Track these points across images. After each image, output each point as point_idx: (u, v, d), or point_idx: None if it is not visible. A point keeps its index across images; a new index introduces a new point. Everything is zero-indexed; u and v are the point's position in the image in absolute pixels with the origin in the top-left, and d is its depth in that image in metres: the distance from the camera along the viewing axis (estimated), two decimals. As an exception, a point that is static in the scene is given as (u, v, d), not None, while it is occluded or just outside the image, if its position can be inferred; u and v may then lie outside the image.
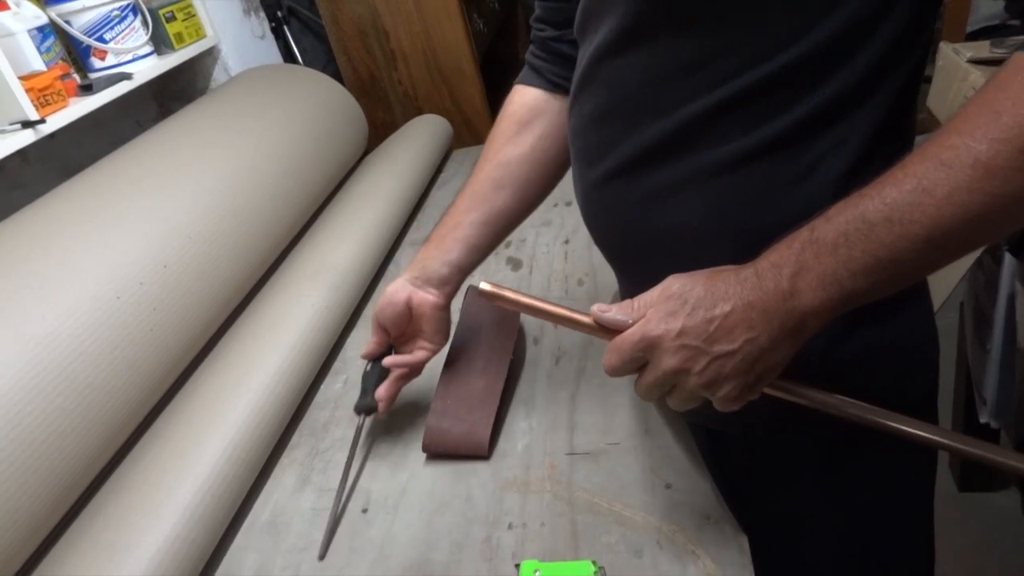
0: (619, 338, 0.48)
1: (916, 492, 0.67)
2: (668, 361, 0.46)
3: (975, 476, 1.41)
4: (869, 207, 0.41)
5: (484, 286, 0.55)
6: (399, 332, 0.78)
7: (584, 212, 0.65)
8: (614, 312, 0.49)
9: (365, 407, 0.80)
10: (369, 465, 0.79)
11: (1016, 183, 0.37)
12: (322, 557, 0.68)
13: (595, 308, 0.50)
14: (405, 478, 0.76)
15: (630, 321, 0.48)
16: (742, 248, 0.49)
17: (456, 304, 1.02)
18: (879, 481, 0.64)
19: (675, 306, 0.46)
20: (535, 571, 0.59)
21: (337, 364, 0.98)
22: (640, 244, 0.59)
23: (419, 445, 0.79)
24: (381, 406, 0.77)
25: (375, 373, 0.83)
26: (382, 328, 0.78)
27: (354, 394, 0.90)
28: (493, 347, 0.85)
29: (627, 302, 0.49)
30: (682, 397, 0.48)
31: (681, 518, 0.64)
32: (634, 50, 0.53)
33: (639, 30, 0.52)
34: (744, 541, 0.61)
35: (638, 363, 0.48)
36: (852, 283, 0.42)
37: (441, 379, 0.82)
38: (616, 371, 0.49)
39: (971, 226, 0.39)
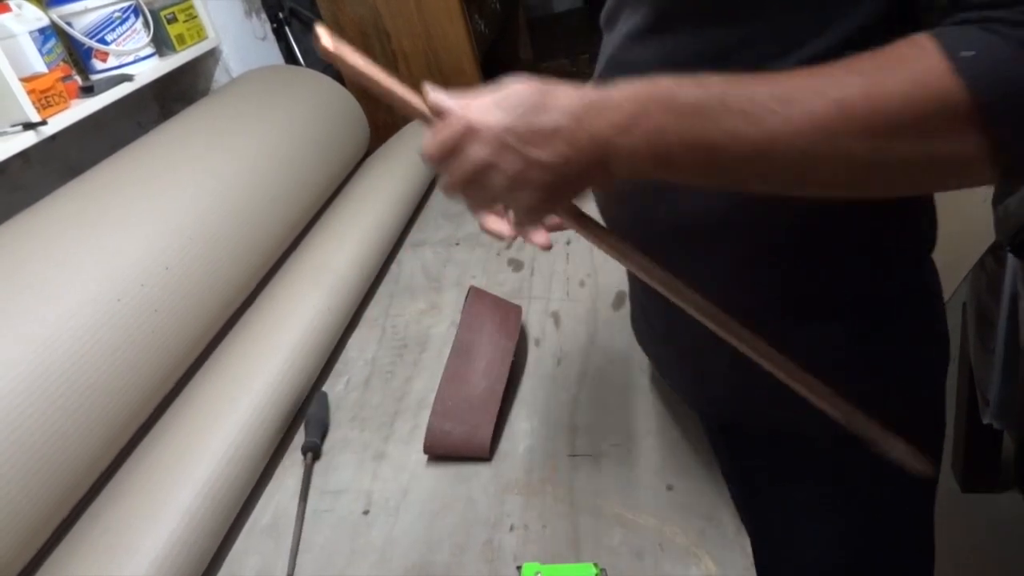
0: (443, 121, 0.46)
1: (918, 494, 0.67)
2: (480, 151, 0.44)
3: (978, 477, 1.41)
4: (733, 94, 0.41)
5: (324, 38, 0.47)
6: None
7: (597, 201, 0.65)
8: (446, 96, 0.47)
9: (310, 447, 0.81)
10: (370, 466, 0.79)
11: (836, 147, 0.38)
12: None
13: (426, 86, 0.48)
14: (406, 479, 0.75)
15: (458, 108, 0.46)
16: (751, 241, 0.48)
17: (458, 304, 1.02)
18: (882, 480, 0.64)
19: (505, 103, 0.44)
20: (536, 573, 0.59)
21: (338, 366, 0.98)
22: (650, 234, 0.58)
23: (420, 446, 0.79)
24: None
25: (316, 414, 0.84)
26: None
27: (356, 395, 0.90)
28: (495, 349, 0.85)
29: (464, 93, 0.47)
30: (480, 195, 0.46)
31: (683, 520, 0.64)
32: (655, 41, 0.53)
33: (660, 23, 0.52)
34: (746, 543, 0.61)
35: (453, 150, 0.46)
36: (679, 151, 0.42)
37: (442, 380, 0.81)
38: (432, 156, 0.47)
39: (795, 162, 0.40)
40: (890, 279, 0.55)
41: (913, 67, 0.37)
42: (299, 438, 0.86)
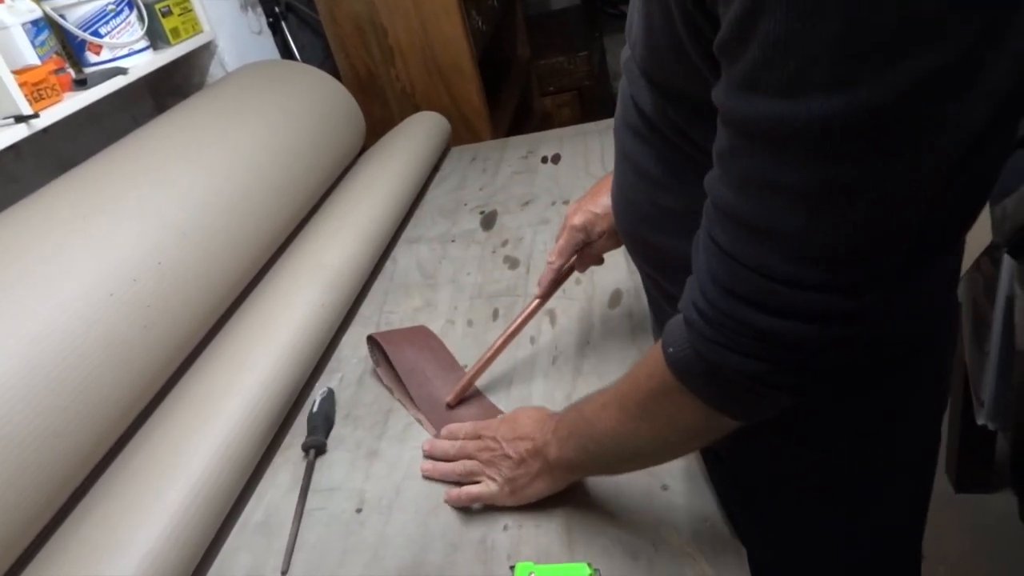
0: (471, 424, 0.75)
1: (910, 504, 0.68)
2: (483, 440, 0.70)
3: (971, 477, 1.41)
4: (578, 418, 0.61)
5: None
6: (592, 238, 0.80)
7: (611, 194, 0.67)
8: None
9: (314, 444, 0.80)
10: (363, 464, 0.78)
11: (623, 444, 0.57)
12: (284, 572, 0.68)
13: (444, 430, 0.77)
14: (399, 478, 0.75)
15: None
16: None
17: (453, 302, 1.01)
18: (875, 505, 0.64)
19: (507, 420, 0.70)
20: (530, 573, 0.58)
21: (332, 363, 0.97)
22: (640, 221, 0.59)
23: (414, 444, 0.79)
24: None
25: (322, 411, 0.83)
26: (582, 231, 0.79)
27: (349, 392, 0.90)
28: (437, 364, 0.88)
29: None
30: (468, 465, 0.70)
31: (678, 521, 0.64)
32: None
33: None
34: (740, 546, 0.60)
35: (469, 439, 0.72)
36: (574, 454, 0.61)
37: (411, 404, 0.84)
38: (453, 433, 0.75)
39: (621, 445, 0.57)
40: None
41: (650, 361, 0.51)
42: (292, 435, 0.85)
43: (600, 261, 0.83)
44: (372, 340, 0.90)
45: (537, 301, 0.81)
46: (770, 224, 0.39)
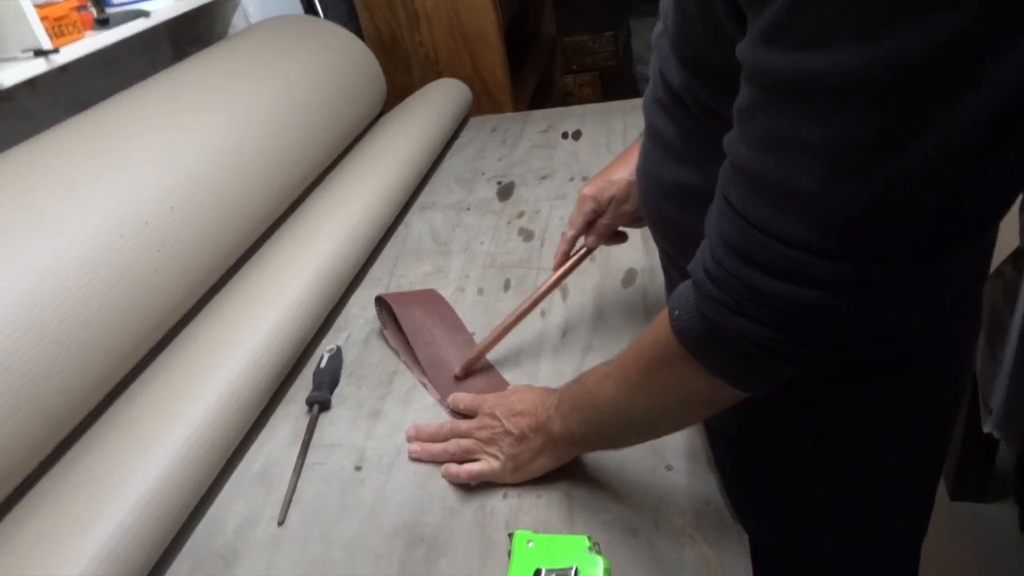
0: (471, 396, 0.74)
1: (909, 513, 0.68)
2: (479, 418, 0.69)
3: (969, 485, 1.40)
4: (580, 391, 0.60)
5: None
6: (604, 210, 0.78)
7: (637, 166, 0.66)
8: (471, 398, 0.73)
9: (318, 400, 0.80)
10: (365, 423, 0.77)
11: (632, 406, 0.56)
12: (281, 523, 0.67)
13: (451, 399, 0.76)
14: (401, 439, 0.74)
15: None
16: None
17: (465, 270, 1.00)
18: (876, 500, 0.64)
19: (505, 396, 0.69)
20: (528, 541, 0.58)
21: (340, 321, 0.96)
22: (663, 197, 0.58)
23: (418, 407, 0.78)
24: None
25: (330, 368, 0.82)
26: (592, 199, 0.77)
27: (355, 352, 0.89)
28: (444, 327, 0.87)
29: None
30: (464, 444, 0.68)
31: (680, 501, 0.63)
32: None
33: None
34: (742, 532, 0.60)
35: (468, 411, 0.73)
36: (577, 428, 0.61)
37: (417, 368, 0.83)
38: (456, 402, 0.74)
39: (622, 415, 0.57)
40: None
41: (654, 328, 0.51)
42: (295, 390, 0.85)
43: (621, 237, 0.81)
44: (381, 301, 0.89)
45: (553, 279, 0.80)
46: (786, 184, 0.38)
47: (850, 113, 0.34)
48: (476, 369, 0.81)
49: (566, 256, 0.80)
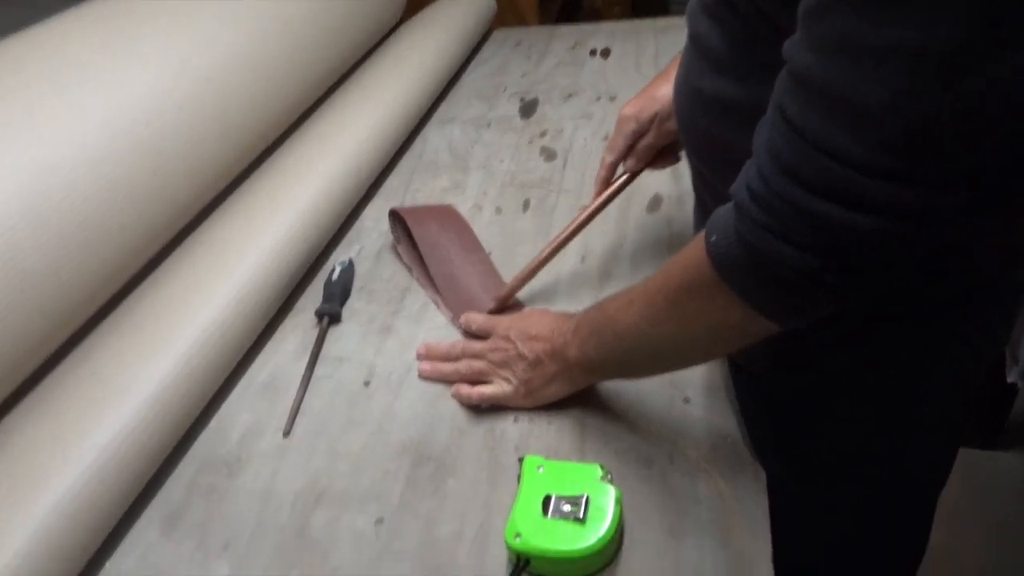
0: (484, 316, 0.72)
1: (932, 461, 0.66)
2: (492, 340, 0.67)
3: (980, 432, 1.39)
4: (600, 316, 0.58)
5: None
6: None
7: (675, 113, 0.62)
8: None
9: (328, 312, 0.77)
10: (375, 339, 0.75)
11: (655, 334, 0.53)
12: (287, 434, 0.66)
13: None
14: (411, 357, 0.72)
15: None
16: None
17: (482, 187, 0.97)
18: (900, 444, 0.62)
19: (520, 319, 0.68)
20: (539, 467, 0.56)
21: (351, 234, 0.93)
22: (702, 111, 0.55)
23: (430, 326, 0.76)
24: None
25: (342, 280, 0.80)
26: (632, 119, 0.72)
27: (367, 265, 0.86)
28: (460, 244, 0.84)
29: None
30: (475, 365, 0.66)
31: (697, 435, 0.61)
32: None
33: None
34: (760, 469, 0.58)
35: (480, 332, 0.70)
36: (595, 354, 0.58)
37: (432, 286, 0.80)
38: (468, 322, 0.72)
39: (644, 344, 0.55)
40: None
41: (687, 253, 0.48)
42: (304, 301, 0.82)
43: (668, 159, 0.75)
44: (395, 214, 0.85)
45: (593, 207, 0.75)
46: (848, 94, 0.34)
47: (929, 15, 0.30)
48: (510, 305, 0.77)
49: (606, 183, 0.75)
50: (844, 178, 0.35)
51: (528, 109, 1.16)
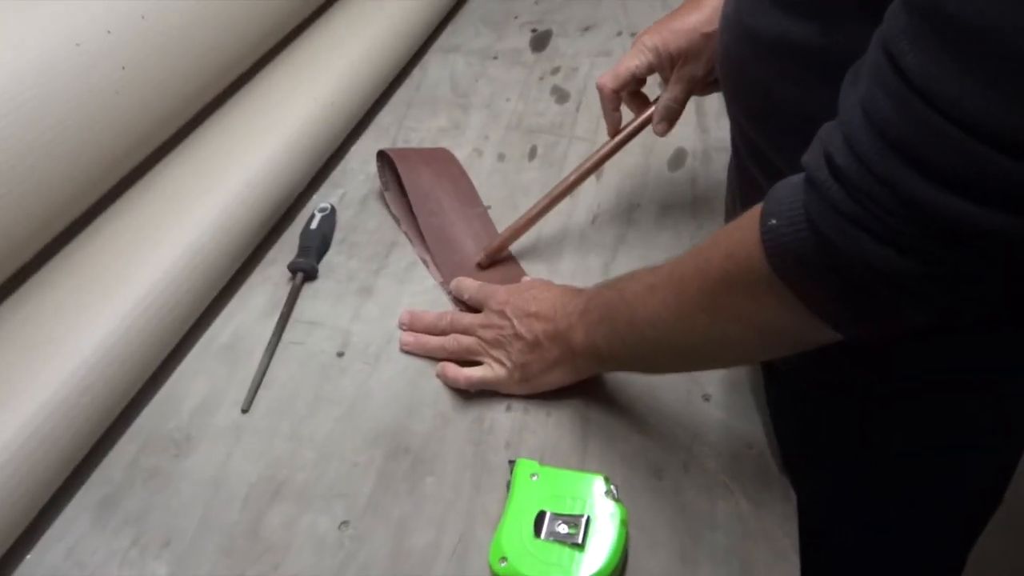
0: (478, 284, 0.62)
1: (973, 506, 0.58)
2: (486, 314, 0.58)
3: None
4: (615, 299, 0.49)
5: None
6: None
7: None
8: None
9: (303, 267, 0.67)
10: (353, 301, 0.67)
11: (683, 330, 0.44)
12: (245, 410, 0.58)
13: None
14: (393, 325, 0.64)
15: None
16: None
17: (484, 129, 0.86)
18: (947, 472, 0.54)
19: (519, 291, 0.58)
20: (532, 474, 0.48)
21: (335, 174, 0.83)
22: (756, 57, 0.44)
23: (416, 288, 0.67)
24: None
25: (320, 231, 0.70)
26: (651, 50, 0.62)
27: (350, 213, 0.77)
28: (455, 195, 0.74)
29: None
30: (465, 342, 0.58)
31: (716, 441, 0.53)
32: None
33: None
34: (789, 487, 0.50)
35: (472, 302, 0.61)
36: (604, 343, 0.50)
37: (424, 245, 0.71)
38: (460, 290, 0.63)
39: (667, 337, 0.46)
40: None
41: (732, 235, 0.39)
42: (276, 252, 0.73)
43: (704, 86, 0.63)
44: (384, 156, 0.75)
45: (601, 152, 0.66)
46: (1009, 37, 0.24)
47: None
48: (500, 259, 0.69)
49: (617, 124, 0.66)
50: (985, 161, 0.26)
51: (540, 42, 1.04)
